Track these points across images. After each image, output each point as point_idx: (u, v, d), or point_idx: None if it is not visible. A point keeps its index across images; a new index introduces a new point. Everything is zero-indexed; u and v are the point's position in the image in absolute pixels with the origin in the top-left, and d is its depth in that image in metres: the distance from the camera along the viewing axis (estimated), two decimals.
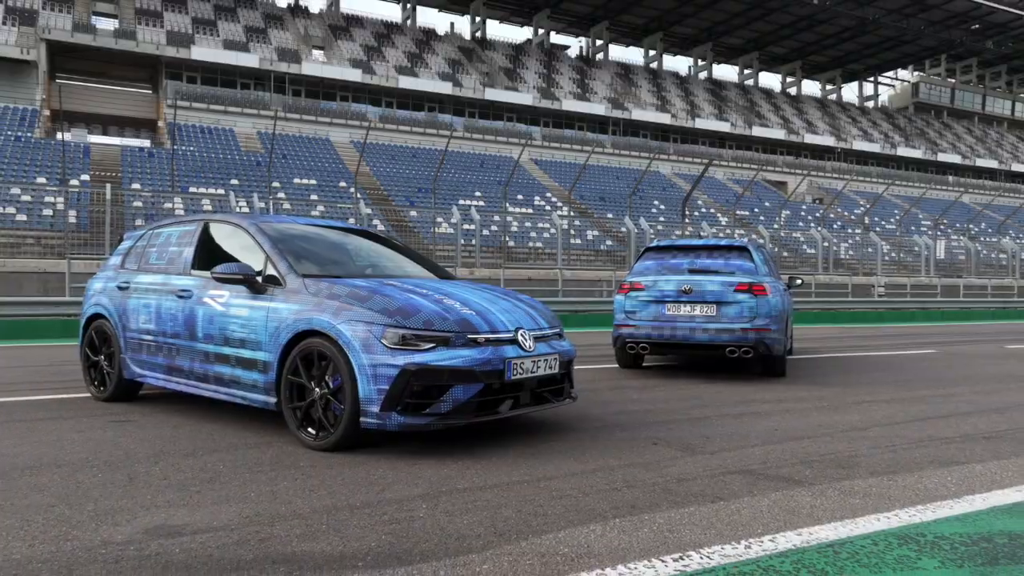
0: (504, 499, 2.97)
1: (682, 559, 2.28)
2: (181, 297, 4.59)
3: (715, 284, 6.75)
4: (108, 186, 16.43)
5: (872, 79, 69.46)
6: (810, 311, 18.65)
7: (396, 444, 3.95)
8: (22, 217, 23.07)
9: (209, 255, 4.65)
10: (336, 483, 3.18)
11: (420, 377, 3.58)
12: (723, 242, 7.36)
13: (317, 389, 3.81)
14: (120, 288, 5.11)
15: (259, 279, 4.18)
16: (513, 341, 3.92)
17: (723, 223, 35.48)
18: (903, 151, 59.25)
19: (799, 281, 8.65)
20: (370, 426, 3.65)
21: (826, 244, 25.60)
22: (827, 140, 56.09)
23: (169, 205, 24.70)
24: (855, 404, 5.47)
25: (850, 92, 69.46)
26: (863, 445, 4.02)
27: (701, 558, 2.30)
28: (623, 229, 24.01)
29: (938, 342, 12.25)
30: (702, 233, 24.35)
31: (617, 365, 7.73)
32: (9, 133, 31.38)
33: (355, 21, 49.08)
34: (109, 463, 3.50)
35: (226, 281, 4.21)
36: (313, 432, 3.83)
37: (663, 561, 2.26)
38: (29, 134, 32.28)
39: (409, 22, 50.90)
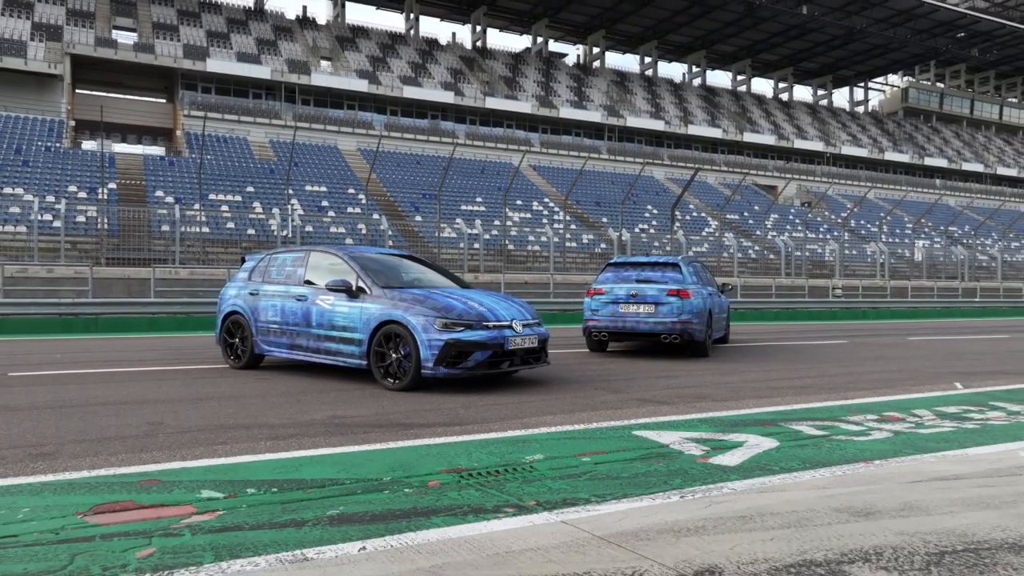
0: (504, 407, 5.45)
1: (587, 424, 4.67)
2: (299, 300, 7.03)
3: (653, 290, 9.36)
4: (176, 207, 18.75)
5: (863, 84, 71.43)
6: (770, 311, 21.00)
7: (442, 387, 6.40)
8: (58, 224, 25.14)
9: (315, 273, 7.12)
10: (412, 403, 5.63)
11: (456, 346, 6.05)
12: (661, 259, 9.94)
13: (394, 355, 6.28)
14: (251, 294, 7.59)
15: (353, 289, 6.59)
16: (510, 327, 6.38)
17: (713, 226, 37.65)
18: (891, 155, 61.23)
19: (729, 287, 11.30)
20: (427, 375, 6.11)
21: (788, 250, 28.21)
22: (816, 145, 58.14)
23: (191, 212, 26.65)
24: (741, 372, 7.86)
25: (841, 97, 71.57)
26: (723, 390, 6.39)
27: (597, 424, 4.67)
28: (614, 236, 26.41)
29: (856, 335, 14.65)
30: (672, 246, 26.76)
31: (587, 350, 10.26)
32: (39, 143, 33.11)
33: (360, 32, 51.16)
34: (280, 394, 5.95)
35: (333, 290, 6.68)
36: (392, 381, 6.28)
37: (579, 425, 4.67)
38: (58, 144, 34.05)
39: (412, 32, 52.97)
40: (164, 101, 43.46)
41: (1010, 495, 2.94)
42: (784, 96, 66.36)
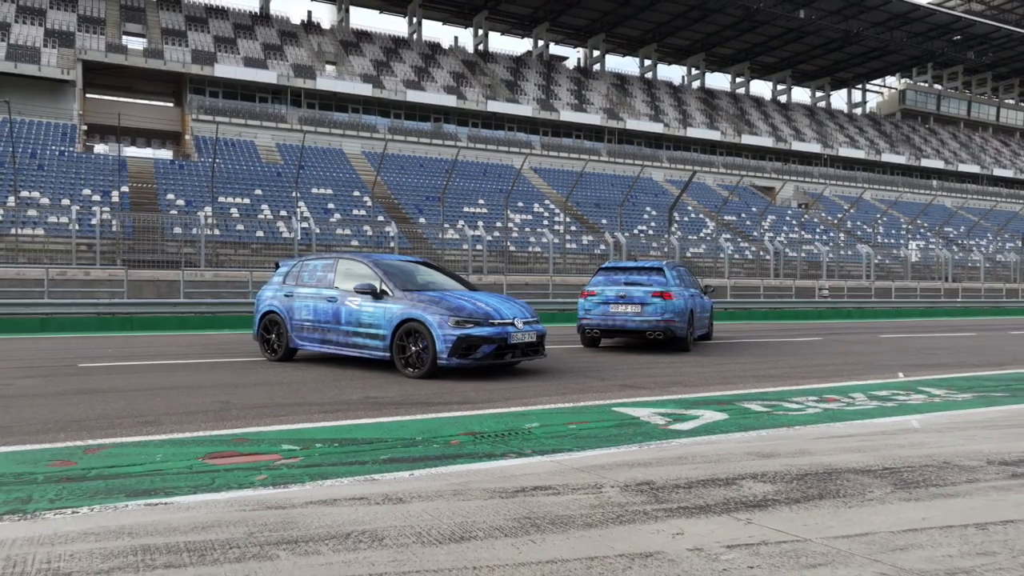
0: (507, 390, 6.50)
1: (576, 403, 5.69)
2: (330, 301, 8.10)
3: (640, 292, 10.45)
4: (200, 214, 19.75)
5: (860, 87, 72.34)
6: (759, 310, 22.07)
7: (454, 375, 7.46)
8: (74, 227, 26.08)
9: (343, 278, 8.17)
10: (431, 387, 6.71)
11: (466, 340, 7.12)
12: (647, 264, 11.01)
13: (413, 348, 7.37)
14: (286, 296, 8.66)
15: (378, 291, 7.63)
16: (512, 324, 7.48)
17: (711, 227, 38.62)
18: (888, 157, 62.07)
19: (712, 288, 12.45)
20: (442, 365, 7.16)
21: (778, 251, 29.32)
22: (814, 147, 59.02)
23: (201, 214, 27.58)
24: (716, 364, 8.91)
25: (839, 99, 72.47)
26: (694, 379, 7.41)
27: (584, 403, 5.71)
28: (613, 238, 27.45)
29: (833, 333, 15.72)
30: (658, 250, 27.82)
31: (581, 345, 11.36)
32: (53, 148, 34.00)
33: (364, 36, 52.14)
34: (318, 381, 7.00)
35: (360, 292, 7.71)
36: (411, 370, 7.35)
37: (569, 404, 5.68)
38: (72, 149, 34.96)
39: (415, 36, 53.96)
40: (172, 105, 44.39)
41: (881, 445, 3.96)
42: (782, 98, 67.27)
